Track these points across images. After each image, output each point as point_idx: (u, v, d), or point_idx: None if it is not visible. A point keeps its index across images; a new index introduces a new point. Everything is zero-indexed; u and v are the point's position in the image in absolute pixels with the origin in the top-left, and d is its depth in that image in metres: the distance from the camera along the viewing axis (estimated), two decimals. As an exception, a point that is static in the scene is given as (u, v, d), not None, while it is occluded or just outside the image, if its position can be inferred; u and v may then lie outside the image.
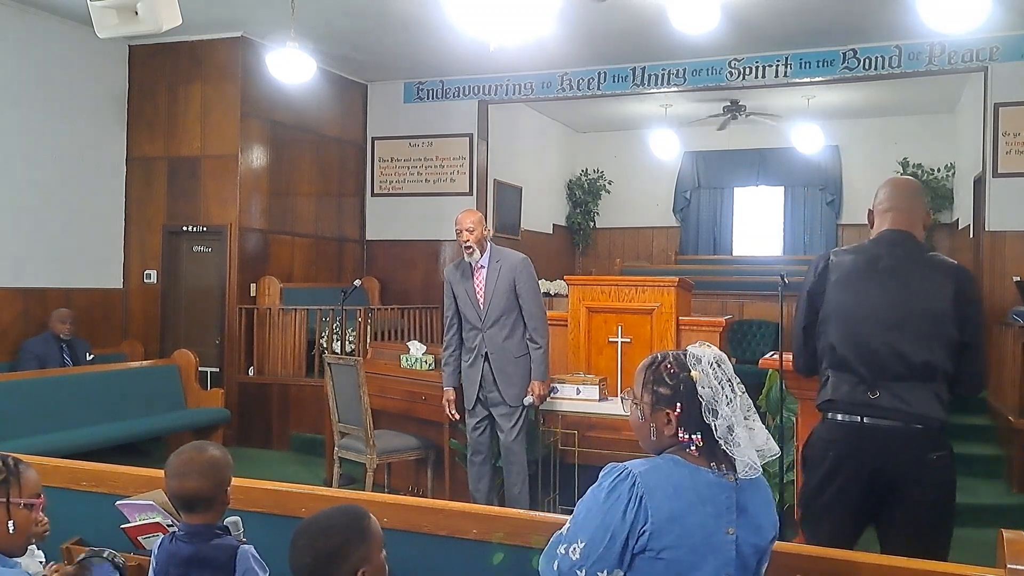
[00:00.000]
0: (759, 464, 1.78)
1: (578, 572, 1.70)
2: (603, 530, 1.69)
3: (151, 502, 2.37)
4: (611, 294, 5.33)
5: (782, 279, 4.47)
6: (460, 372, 4.81)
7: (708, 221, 12.97)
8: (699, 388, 1.77)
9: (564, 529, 1.78)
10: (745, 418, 1.80)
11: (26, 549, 2.14)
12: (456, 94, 9.33)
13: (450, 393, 4.83)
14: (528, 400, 4.65)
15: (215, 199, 7.95)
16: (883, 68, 7.83)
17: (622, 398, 1.94)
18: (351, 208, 9.58)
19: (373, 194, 9.71)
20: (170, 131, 8.08)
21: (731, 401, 1.77)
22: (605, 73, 8.77)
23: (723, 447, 1.75)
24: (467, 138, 9.34)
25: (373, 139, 9.68)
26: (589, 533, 1.71)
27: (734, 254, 12.61)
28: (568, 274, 9.57)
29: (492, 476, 4.86)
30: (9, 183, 7.04)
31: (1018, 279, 6.90)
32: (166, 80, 8.08)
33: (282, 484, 2.72)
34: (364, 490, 5.00)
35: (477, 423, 4.77)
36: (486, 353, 4.65)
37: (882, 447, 2.63)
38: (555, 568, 1.74)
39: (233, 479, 2.27)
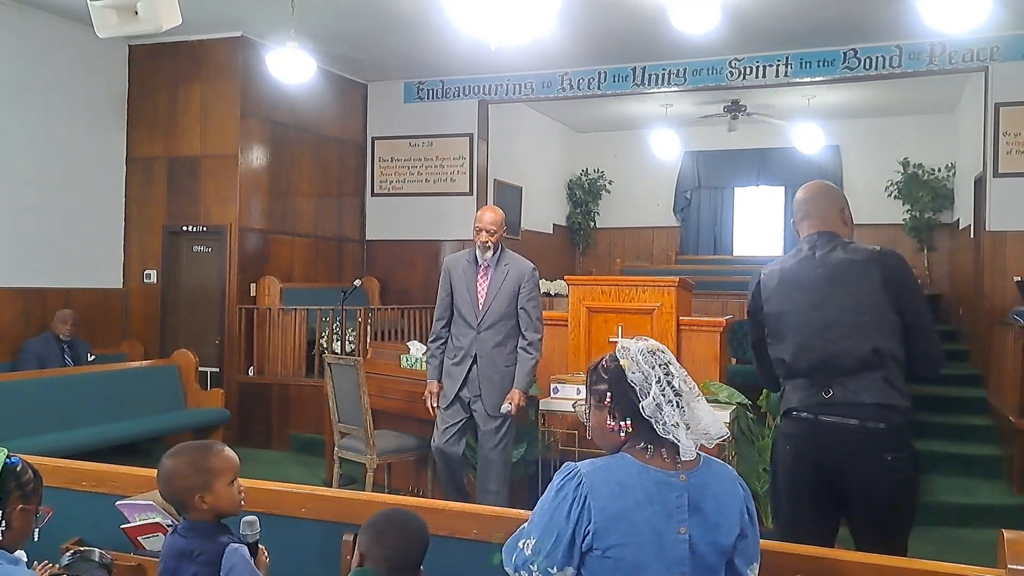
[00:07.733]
0: (695, 446, 1.78)
1: (531, 567, 1.75)
2: (550, 528, 1.74)
3: (151, 502, 2.37)
4: (611, 294, 5.32)
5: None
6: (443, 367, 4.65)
7: (709, 221, 12.97)
8: (628, 374, 1.80)
9: (527, 523, 1.83)
10: (687, 402, 1.80)
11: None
12: (456, 94, 9.33)
13: (434, 386, 4.65)
14: (506, 408, 4.46)
15: (215, 199, 7.95)
16: (883, 68, 7.83)
17: (573, 406, 1.98)
18: (351, 208, 9.57)
19: (373, 194, 9.71)
20: (170, 131, 8.08)
21: (662, 382, 1.78)
22: (605, 73, 8.77)
23: (655, 428, 1.76)
24: (467, 138, 9.34)
25: (373, 139, 9.68)
26: (539, 531, 1.76)
27: (735, 254, 12.59)
28: (568, 274, 9.57)
29: (465, 495, 4.60)
30: (9, 183, 7.04)
31: (1019, 279, 6.90)
32: (166, 80, 8.08)
33: (282, 484, 2.71)
34: (364, 490, 4.98)
35: (450, 426, 4.53)
36: (475, 355, 4.51)
37: (836, 446, 2.63)
38: (512, 561, 1.80)
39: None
